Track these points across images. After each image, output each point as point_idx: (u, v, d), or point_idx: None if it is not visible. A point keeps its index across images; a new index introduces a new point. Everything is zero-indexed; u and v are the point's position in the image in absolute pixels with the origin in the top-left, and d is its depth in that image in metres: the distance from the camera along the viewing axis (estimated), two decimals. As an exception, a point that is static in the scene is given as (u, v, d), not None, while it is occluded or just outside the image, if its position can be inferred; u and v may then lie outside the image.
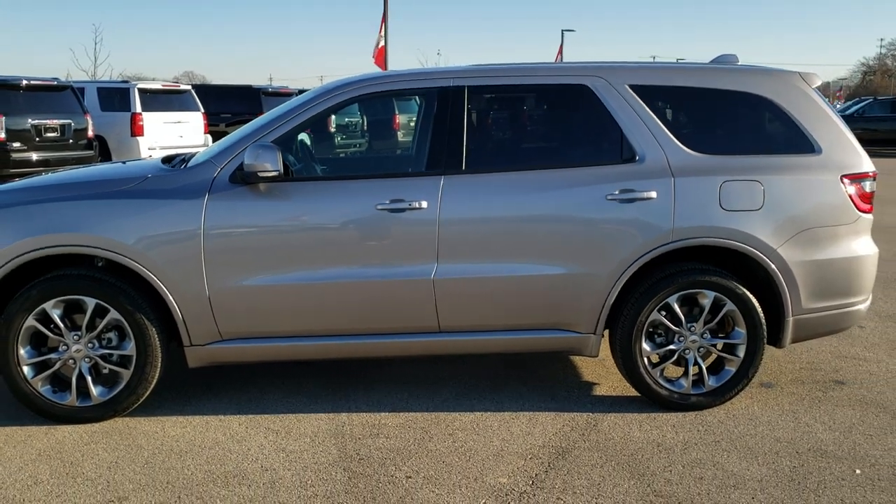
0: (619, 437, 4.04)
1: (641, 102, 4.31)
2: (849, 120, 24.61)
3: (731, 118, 4.49)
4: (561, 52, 41.09)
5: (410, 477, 3.62)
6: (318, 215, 4.16)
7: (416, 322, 4.24)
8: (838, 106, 36.31)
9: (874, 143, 23.64)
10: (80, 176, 4.56)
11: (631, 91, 4.32)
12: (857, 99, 31.45)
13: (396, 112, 17.10)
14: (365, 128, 18.95)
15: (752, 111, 4.45)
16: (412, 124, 7.28)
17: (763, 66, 4.56)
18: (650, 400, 4.39)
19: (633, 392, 4.52)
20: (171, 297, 4.09)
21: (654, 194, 4.18)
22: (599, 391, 4.67)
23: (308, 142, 5.15)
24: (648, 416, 4.30)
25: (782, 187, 4.26)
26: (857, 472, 3.67)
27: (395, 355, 4.39)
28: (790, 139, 4.38)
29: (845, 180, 4.32)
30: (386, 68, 22.75)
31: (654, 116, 4.30)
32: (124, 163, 5.20)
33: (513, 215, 4.18)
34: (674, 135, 4.29)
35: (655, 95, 4.37)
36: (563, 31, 42.83)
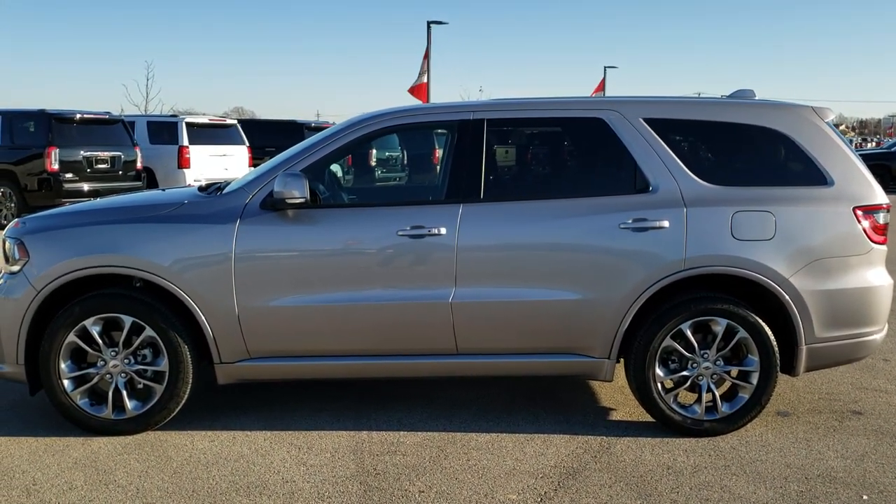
0: (631, 460, 4.13)
1: (655, 135, 4.45)
2: (894, 157, 24.26)
3: (743, 151, 4.61)
4: (602, 87, 41.22)
5: (423, 491, 3.76)
6: (343, 240, 4.36)
7: (435, 344, 4.40)
8: (890, 141, 35.81)
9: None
10: (122, 202, 4.84)
11: (645, 124, 4.47)
12: (905, 135, 30.93)
13: (437, 146, 17.37)
14: (405, 162, 19.28)
15: (764, 144, 4.57)
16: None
17: (776, 100, 4.68)
18: (664, 425, 4.47)
19: (648, 417, 4.60)
20: (202, 317, 4.32)
21: (666, 223, 4.31)
22: (615, 416, 4.76)
23: (338, 172, 5.39)
24: (662, 440, 4.38)
25: (794, 218, 4.35)
26: (865, 497, 3.72)
27: (414, 376, 4.55)
28: (803, 171, 4.48)
29: (858, 212, 4.40)
30: (427, 103, 23.16)
31: (668, 148, 4.44)
32: (163, 190, 5.49)
33: (528, 242, 4.34)
34: (687, 166, 4.42)
35: (669, 128, 4.52)
36: (605, 67, 43.07)
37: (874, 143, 66.65)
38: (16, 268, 4.38)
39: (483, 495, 3.73)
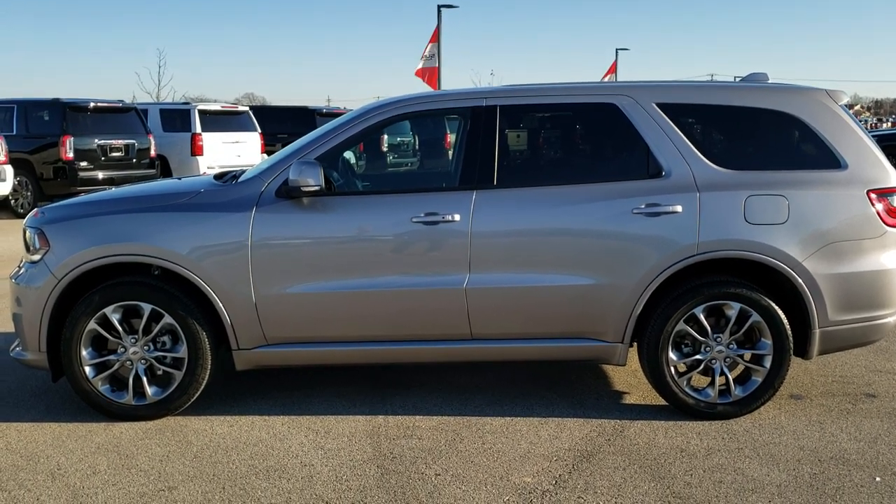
0: (644, 443, 4.17)
1: (668, 120, 4.46)
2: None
3: (757, 135, 4.62)
4: (614, 70, 40.99)
5: (439, 474, 3.82)
6: (357, 228, 4.40)
7: (450, 329, 4.45)
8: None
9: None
10: (139, 191, 4.89)
11: (658, 109, 4.48)
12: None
13: (448, 132, 17.35)
14: (416, 147, 19.30)
15: (777, 128, 4.57)
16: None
17: (789, 84, 4.68)
18: (677, 408, 4.50)
19: (661, 401, 4.64)
20: (220, 304, 4.38)
21: (679, 208, 4.32)
22: (629, 400, 4.80)
23: (351, 159, 5.42)
24: (675, 423, 4.42)
25: (807, 202, 4.35)
26: (877, 479, 3.74)
27: (429, 361, 4.61)
28: (816, 155, 4.48)
29: (872, 195, 4.40)
30: (438, 88, 23.11)
31: (681, 133, 4.45)
32: (180, 179, 5.54)
33: (542, 228, 4.37)
34: (700, 151, 4.43)
35: (682, 113, 4.52)
36: (617, 49, 42.82)
37: (890, 124, 65.98)
38: (36, 257, 4.45)
39: (498, 478, 3.78)
